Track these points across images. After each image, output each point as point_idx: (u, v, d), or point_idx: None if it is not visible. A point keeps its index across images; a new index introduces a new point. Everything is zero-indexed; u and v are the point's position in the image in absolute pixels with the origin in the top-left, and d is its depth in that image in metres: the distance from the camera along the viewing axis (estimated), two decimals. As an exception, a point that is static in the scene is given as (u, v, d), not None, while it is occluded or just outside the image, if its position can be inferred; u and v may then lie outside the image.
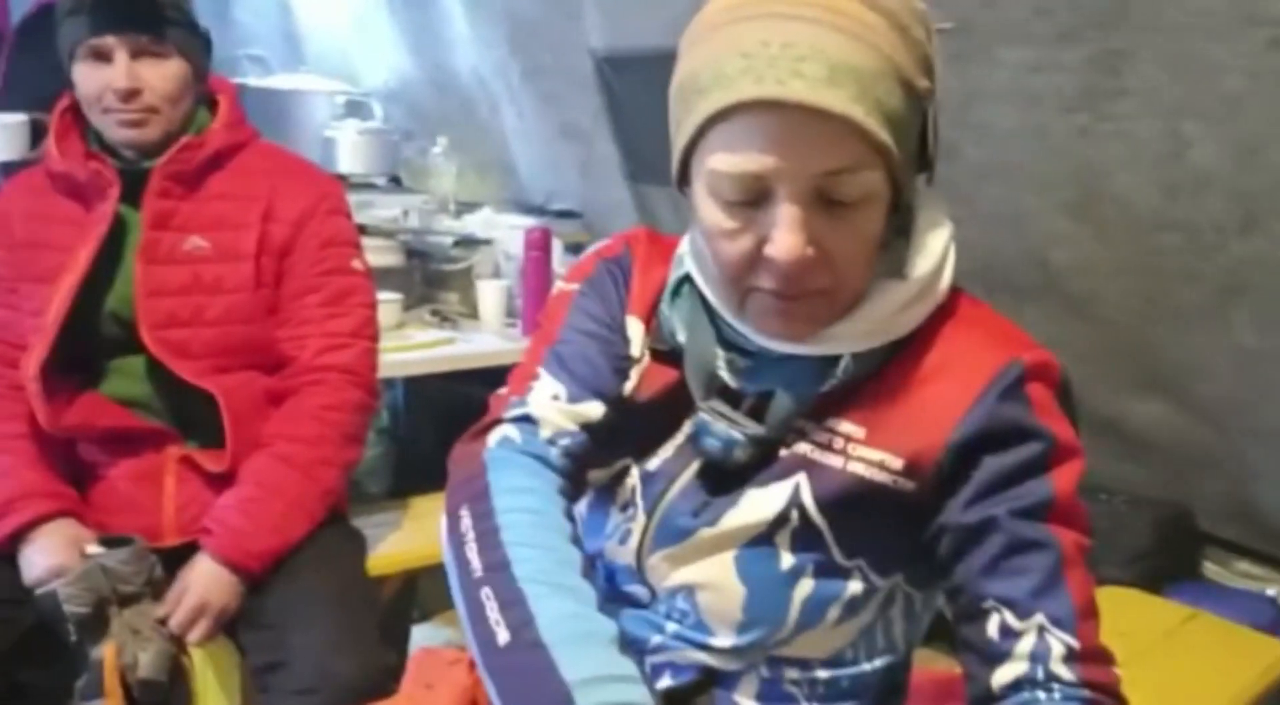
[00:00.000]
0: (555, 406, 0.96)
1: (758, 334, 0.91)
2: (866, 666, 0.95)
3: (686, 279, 0.97)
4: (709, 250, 0.88)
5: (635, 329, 1.00)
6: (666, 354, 0.98)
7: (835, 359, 0.89)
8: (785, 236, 0.80)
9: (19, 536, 1.48)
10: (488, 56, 3.17)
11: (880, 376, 0.90)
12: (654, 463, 0.97)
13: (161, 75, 1.53)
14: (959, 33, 1.98)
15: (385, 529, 1.91)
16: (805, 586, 0.90)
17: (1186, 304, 2.01)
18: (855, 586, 0.91)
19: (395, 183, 3.22)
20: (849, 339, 0.88)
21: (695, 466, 0.95)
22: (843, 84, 0.77)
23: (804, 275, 0.83)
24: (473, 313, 2.66)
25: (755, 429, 0.90)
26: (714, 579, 0.92)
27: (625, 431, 0.99)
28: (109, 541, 1.48)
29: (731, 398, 0.93)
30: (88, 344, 1.57)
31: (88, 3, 1.49)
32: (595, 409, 0.96)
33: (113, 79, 1.50)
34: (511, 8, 2.95)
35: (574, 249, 2.72)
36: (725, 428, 0.91)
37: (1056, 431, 0.86)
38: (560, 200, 3.32)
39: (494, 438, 0.96)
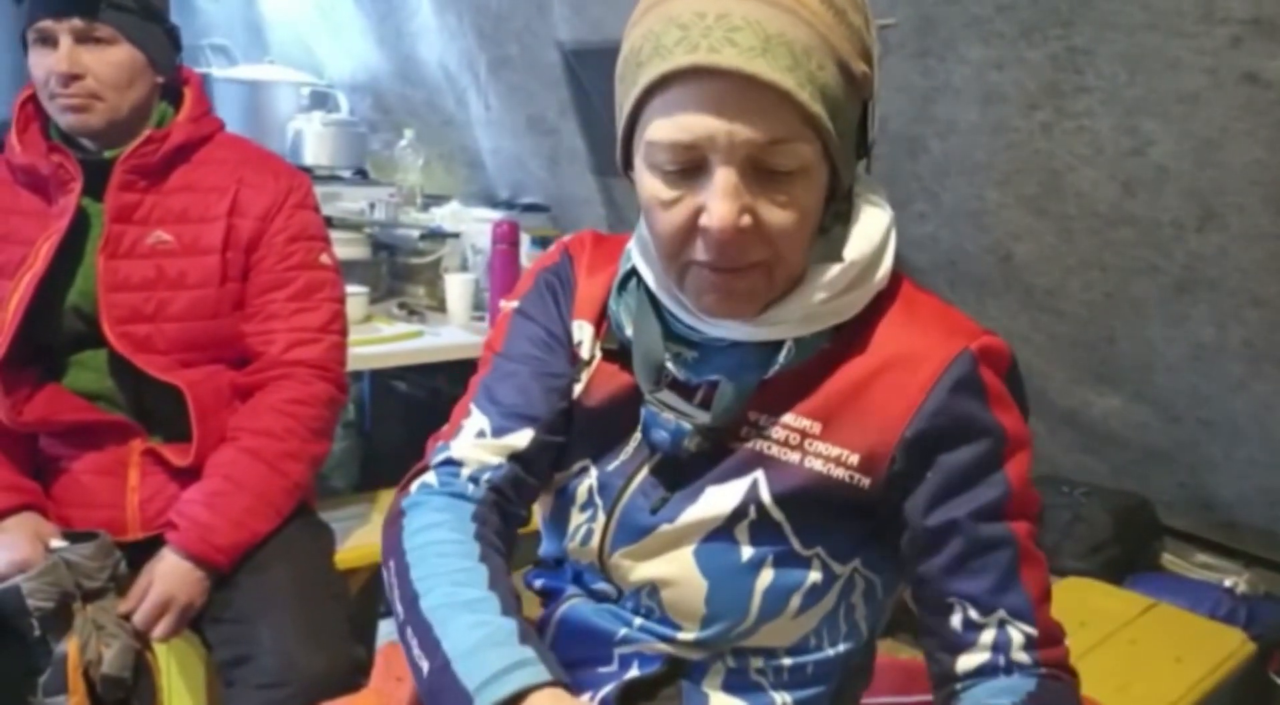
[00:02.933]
0: (479, 444, 0.98)
1: (697, 312, 0.91)
2: (830, 652, 0.97)
3: (634, 273, 0.98)
4: (648, 226, 0.89)
5: (584, 332, 1.01)
6: (619, 354, 0.99)
7: (779, 346, 0.90)
8: (719, 204, 0.81)
9: (-19, 531, 1.46)
10: (454, 48, 3.15)
11: (832, 369, 0.91)
12: (612, 463, 0.98)
13: (105, 61, 1.51)
14: (922, 29, 2.00)
15: (353, 522, 1.91)
16: (766, 577, 0.92)
17: (1145, 298, 2.04)
18: (815, 574, 0.92)
19: (361, 175, 3.20)
20: (788, 323, 0.89)
21: (651, 464, 0.96)
22: (776, 54, 0.78)
23: (738, 246, 0.83)
24: (440, 306, 2.66)
25: (702, 417, 0.91)
26: (676, 574, 0.93)
27: (582, 434, 1.00)
28: (73, 536, 1.46)
29: (682, 391, 0.94)
30: (49, 338, 1.55)
31: None
32: (521, 438, 0.98)
33: (54, 63, 1.48)
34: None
35: (541, 242, 2.71)
36: (672, 418, 0.92)
37: (1007, 424, 0.88)
38: (527, 193, 3.32)
39: (415, 485, 1.00)
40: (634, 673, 0.97)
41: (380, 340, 2.34)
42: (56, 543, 1.45)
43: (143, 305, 1.54)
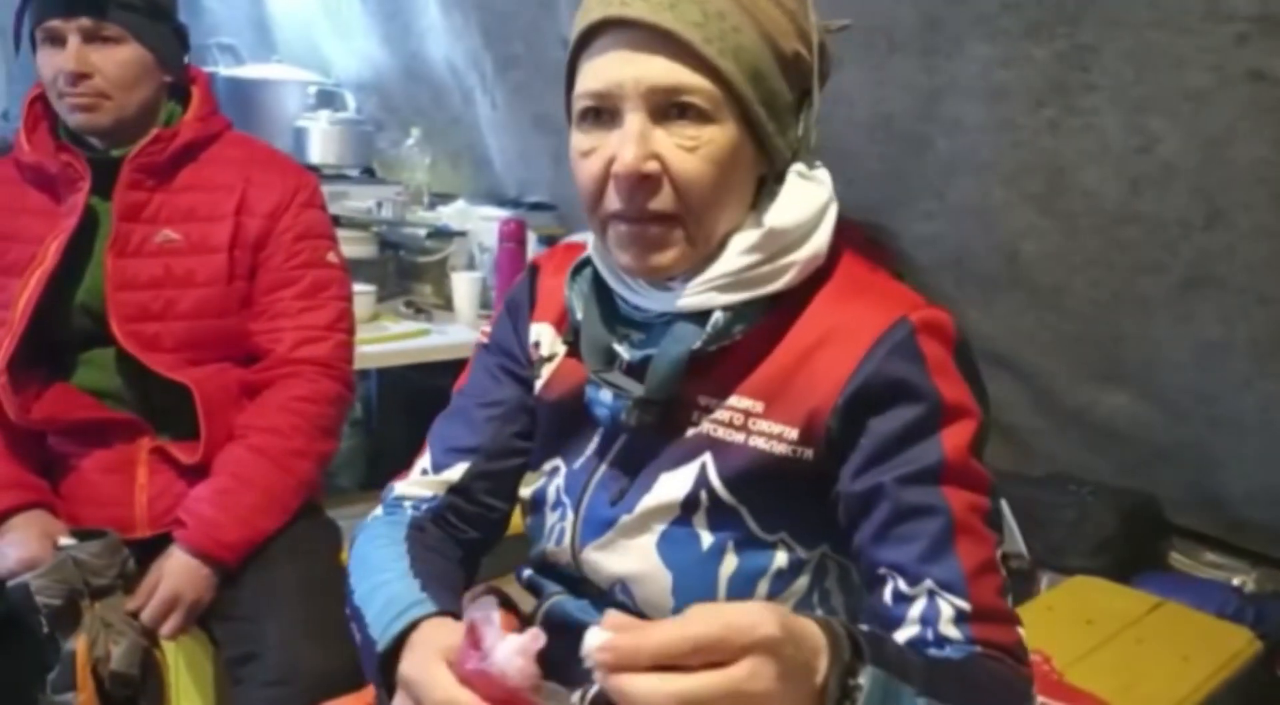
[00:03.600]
0: (419, 481, 1.08)
1: (622, 274, 0.94)
2: None
3: (588, 261, 1.00)
4: (575, 182, 0.92)
5: (543, 332, 1.05)
6: (576, 345, 1.01)
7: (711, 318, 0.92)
8: (624, 150, 0.85)
9: (-10, 528, 1.46)
10: (460, 47, 3.15)
11: (772, 347, 0.92)
12: (578, 461, 1.00)
13: (113, 60, 1.51)
14: (928, 27, 1.99)
15: (360, 521, 1.90)
16: (729, 564, 0.92)
17: (1151, 296, 2.04)
18: (781, 559, 0.92)
19: (368, 174, 3.20)
20: (713, 290, 0.90)
21: (611, 457, 0.98)
22: (685, 9, 0.84)
23: (645, 191, 0.86)
24: (447, 304, 2.67)
25: (638, 390, 0.92)
26: (642, 569, 0.94)
27: (547, 432, 1.04)
28: (81, 534, 1.47)
29: (631, 372, 0.95)
30: (57, 336, 1.56)
31: None
32: (456, 472, 1.06)
33: (63, 62, 1.49)
34: (483, -2, 2.94)
35: (548, 241, 2.72)
36: (609, 394, 0.94)
37: (944, 391, 0.87)
38: (533, 191, 3.32)
39: (365, 521, 1.10)
40: None
41: (387, 338, 2.34)
42: (65, 540, 1.45)
43: (150, 303, 1.55)
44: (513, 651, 0.73)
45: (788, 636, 0.65)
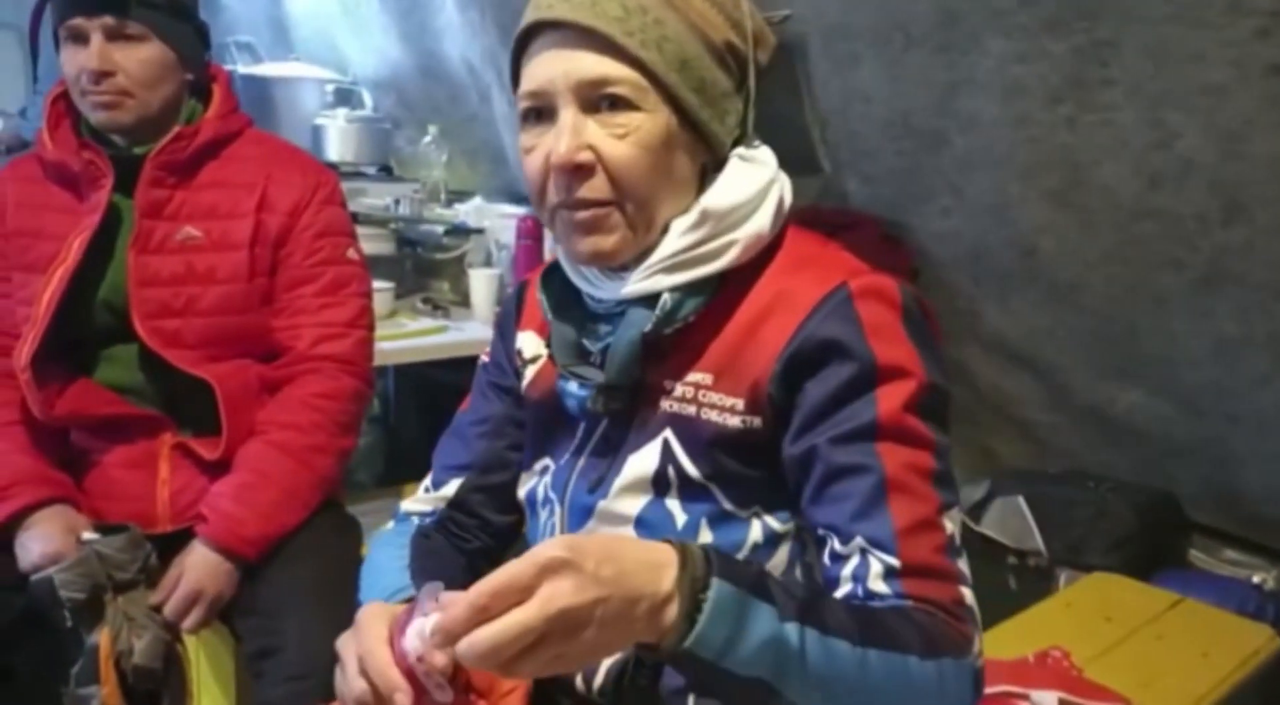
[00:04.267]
0: (422, 498, 1.15)
1: (575, 264, 0.98)
2: None
3: (559, 264, 1.03)
4: (525, 181, 0.96)
5: (528, 339, 1.10)
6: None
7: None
8: (558, 143, 0.89)
9: (14, 522, 1.48)
10: (477, 45, 3.16)
11: (723, 323, 0.94)
12: (564, 457, 1.03)
13: (135, 58, 1.52)
14: (944, 23, 1.99)
15: (379, 516, 1.90)
16: (705, 539, 0.93)
17: (1169, 292, 2.03)
18: (757, 532, 0.94)
19: (385, 171, 3.21)
20: (657, 273, 0.93)
21: (590, 448, 1.01)
22: (605, 7, 0.89)
23: (580, 179, 0.90)
24: (464, 301, 2.68)
25: (599, 376, 0.95)
26: None
27: (534, 432, 1.08)
28: (104, 528, 1.48)
29: (600, 365, 0.98)
30: (80, 332, 1.57)
31: None
32: (451, 488, 1.13)
33: (85, 61, 1.50)
34: (500, -5, 2.95)
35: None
36: (576, 385, 0.97)
37: (878, 352, 0.88)
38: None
39: (377, 534, 1.16)
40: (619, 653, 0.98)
41: (405, 335, 2.36)
42: (88, 535, 1.46)
43: (172, 300, 1.56)
44: (414, 632, 0.75)
45: (580, 553, 0.68)
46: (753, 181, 0.95)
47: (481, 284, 2.59)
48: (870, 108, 2.28)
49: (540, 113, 0.92)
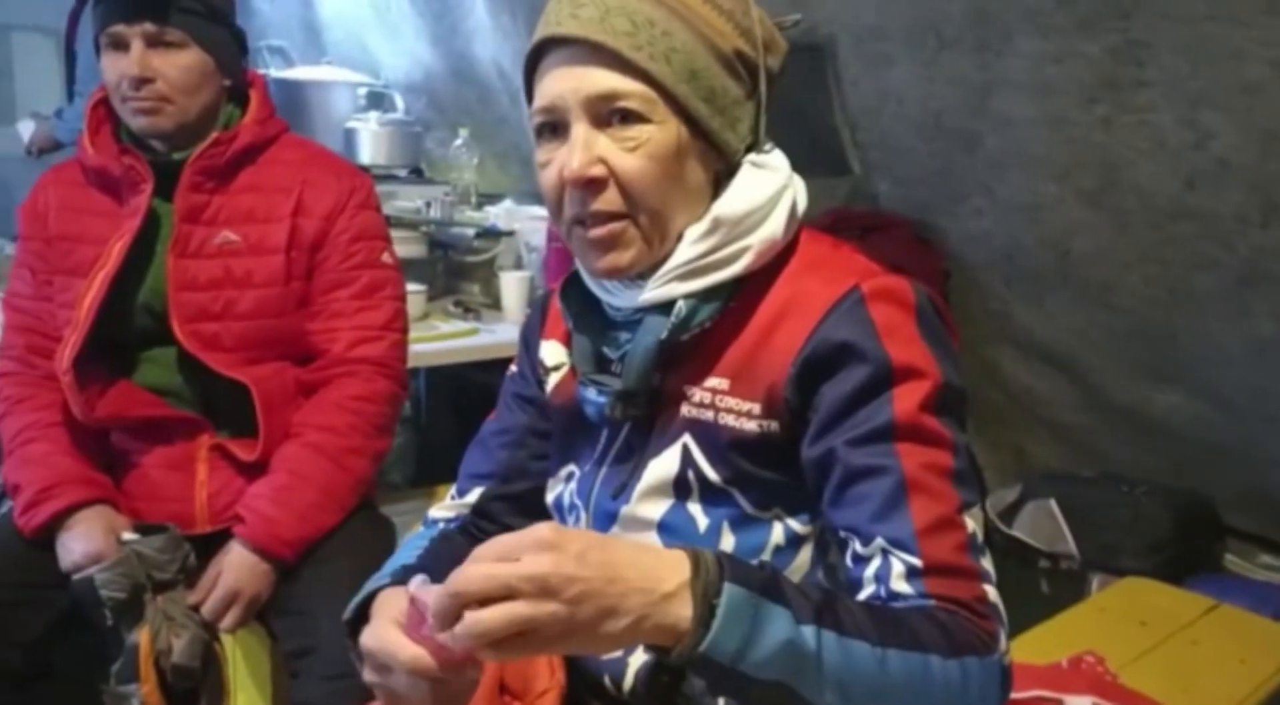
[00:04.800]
0: (448, 505, 1.17)
1: (594, 277, 0.98)
2: None
3: (579, 274, 1.04)
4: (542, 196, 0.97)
5: (551, 347, 1.11)
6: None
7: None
8: (571, 157, 0.90)
9: (56, 523, 1.50)
10: (508, 47, 3.18)
11: (739, 328, 0.95)
12: (587, 464, 1.04)
13: (175, 64, 1.54)
14: (977, 23, 1.98)
15: (412, 517, 1.93)
16: (727, 542, 0.94)
17: (1206, 293, 2.02)
18: (778, 534, 0.94)
19: (417, 174, 3.23)
20: (671, 281, 0.94)
21: (612, 454, 1.02)
22: (614, 22, 0.90)
23: (595, 193, 0.91)
24: (495, 303, 2.69)
25: (616, 383, 0.97)
26: None
27: (559, 438, 1.09)
28: (144, 529, 1.50)
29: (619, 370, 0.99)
30: (120, 335, 1.59)
31: None
32: (473, 496, 1.15)
33: (126, 67, 1.52)
34: (531, -1, 2.96)
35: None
36: (595, 391, 0.98)
37: (893, 353, 0.88)
38: (579, 190, 3.34)
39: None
40: (640, 657, 0.99)
41: (438, 337, 2.37)
42: (128, 535, 1.49)
43: (210, 304, 1.58)
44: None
45: (566, 537, 0.72)
46: (765, 187, 0.96)
47: (512, 286, 2.60)
48: (902, 108, 2.28)
49: (553, 128, 0.93)
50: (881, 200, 2.55)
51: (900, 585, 0.84)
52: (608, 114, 0.90)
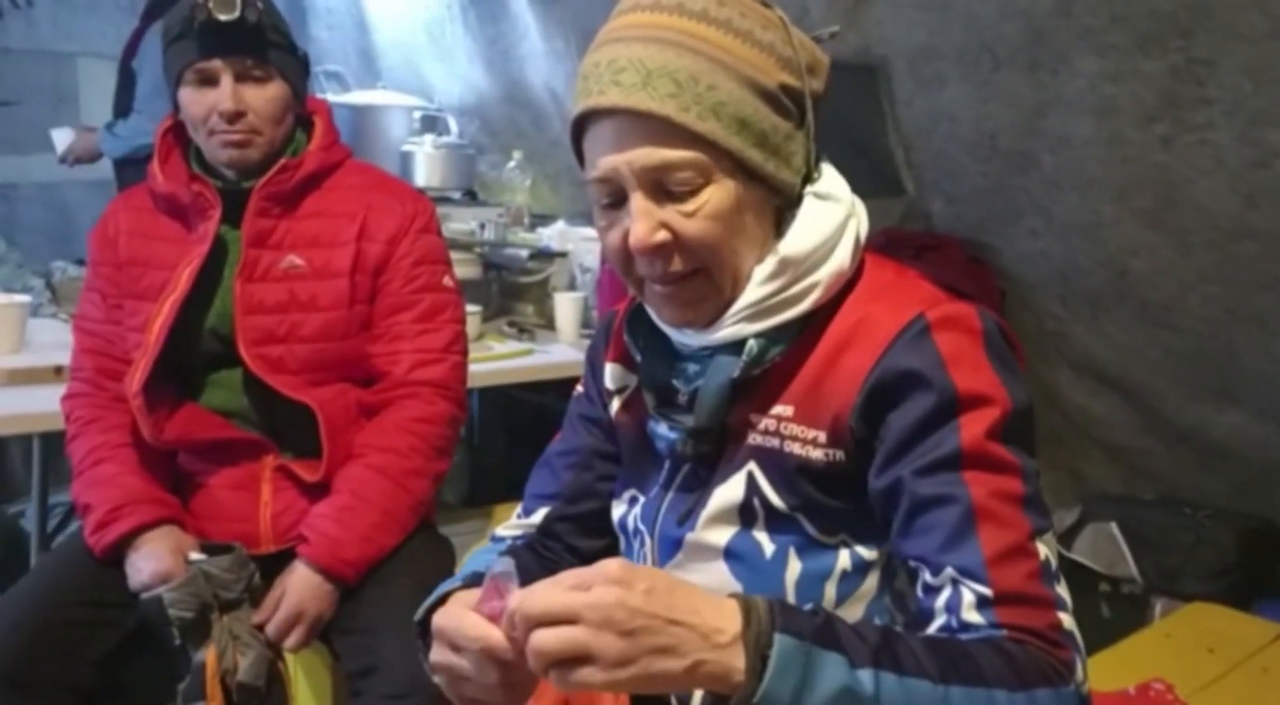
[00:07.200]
0: (513, 524, 1.18)
1: (665, 324, 0.99)
2: None
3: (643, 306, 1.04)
4: (606, 254, 0.98)
5: (614, 372, 1.12)
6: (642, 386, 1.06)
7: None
8: (634, 227, 0.90)
9: (125, 543, 1.52)
10: (560, 70, 3.21)
11: (805, 357, 0.95)
12: (652, 490, 1.05)
13: (264, 97, 1.57)
14: (1033, 42, 1.98)
15: (470, 537, 1.95)
16: (794, 568, 0.94)
17: (1268, 312, 1.99)
18: (845, 560, 0.94)
19: (470, 196, 3.27)
20: (740, 321, 0.94)
21: (678, 481, 1.02)
22: (657, 86, 0.88)
23: (663, 258, 0.92)
24: (549, 324, 2.71)
25: (689, 420, 0.97)
26: (713, 584, 0.96)
27: (626, 462, 1.10)
28: (210, 548, 1.53)
29: (689, 402, 1.00)
30: (188, 358, 1.62)
31: (195, 27, 1.53)
32: (539, 515, 1.16)
33: (218, 101, 1.55)
34: (584, 22, 2.99)
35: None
36: (666, 427, 0.99)
37: (958, 381, 0.87)
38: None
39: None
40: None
41: (494, 357, 2.39)
42: (195, 555, 1.51)
43: (276, 327, 1.61)
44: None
45: (634, 574, 0.75)
46: (829, 221, 0.95)
47: (566, 307, 2.62)
48: (957, 128, 2.27)
49: (612, 196, 0.93)
50: (935, 220, 2.54)
51: (971, 615, 0.83)
52: (664, 183, 0.90)
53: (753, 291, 0.93)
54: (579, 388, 1.19)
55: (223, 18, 1.51)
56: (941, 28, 2.12)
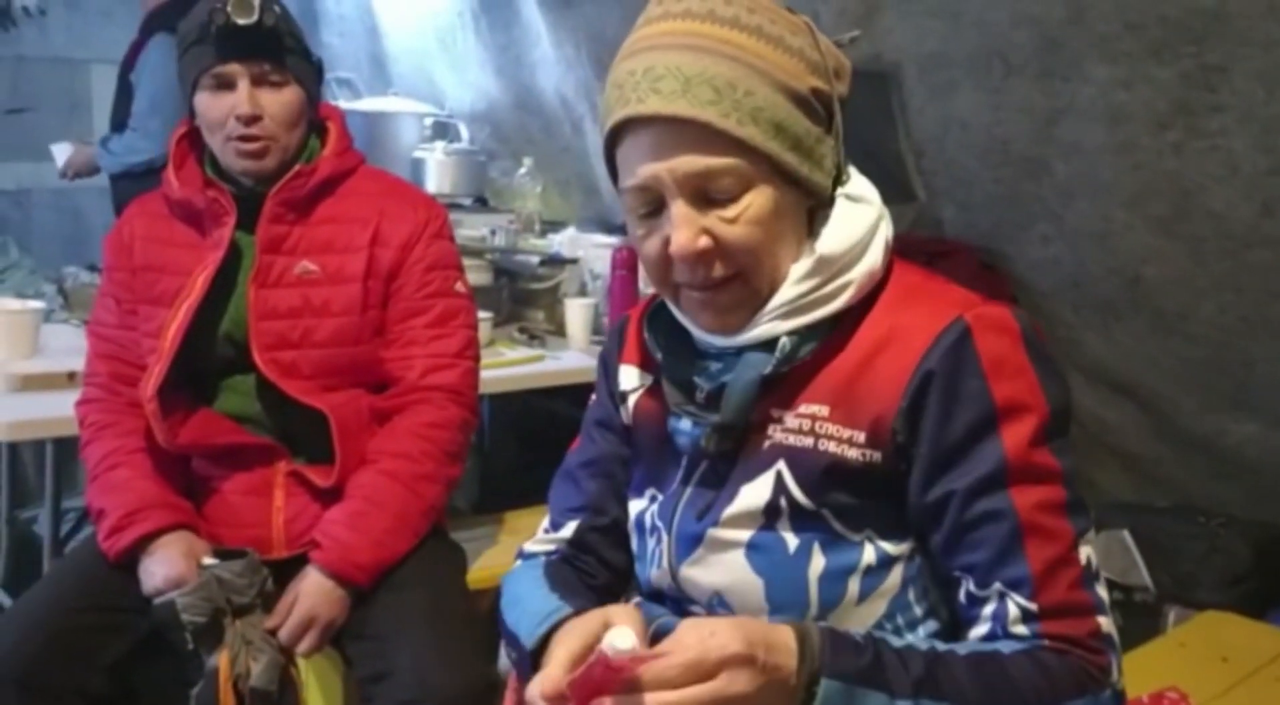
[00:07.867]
0: (543, 539, 1.17)
1: (698, 329, 1.00)
2: (911, 637, 0.97)
3: (664, 304, 1.05)
4: (642, 262, 0.99)
5: (628, 373, 1.12)
6: (660, 384, 1.06)
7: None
8: (676, 234, 0.91)
9: (139, 547, 1.53)
10: (571, 77, 3.22)
11: (835, 355, 0.96)
12: (670, 487, 1.05)
13: (280, 102, 1.58)
14: (1045, 50, 1.97)
15: (481, 543, 1.95)
16: (817, 563, 0.95)
17: (1282, 321, 1.98)
18: (870, 555, 0.95)
19: (481, 203, 3.28)
20: (774, 319, 0.95)
21: (697, 477, 1.02)
22: (696, 93, 0.89)
23: (705, 265, 0.93)
24: (559, 330, 2.71)
25: (714, 417, 0.97)
26: (734, 580, 0.98)
27: (640, 460, 1.10)
28: (224, 553, 1.53)
29: (709, 399, 1.00)
30: (202, 364, 1.62)
31: (212, 32, 1.54)
32: (568, 529, 1.15)
33: (235, 105, 1.56)
34: (595, 29, 2.99)
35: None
36: (689, 423, 0.99)
37: (997, 391, 0.89)
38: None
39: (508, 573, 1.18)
40: None
41: (505, 363, 2.39)
42: (208, 560, 1.51)
43: (289, 332, 1.61)
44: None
45: (754, 646, 0.79)
46: (861, 221, 0.97)
47: (577, 313, 2.62)
48: (968, 135, 2.27)
49: (650, 204, 0.94)
50: (946, 227, 2.54)
51: (1017, 628, 0.88)
52: (705, 190, 0.91)
53: (789, 289, 0.95)
54: (594, 396, 1.19)
55: (241, 21, 1.52)
56: (953, 35, 2.11)
